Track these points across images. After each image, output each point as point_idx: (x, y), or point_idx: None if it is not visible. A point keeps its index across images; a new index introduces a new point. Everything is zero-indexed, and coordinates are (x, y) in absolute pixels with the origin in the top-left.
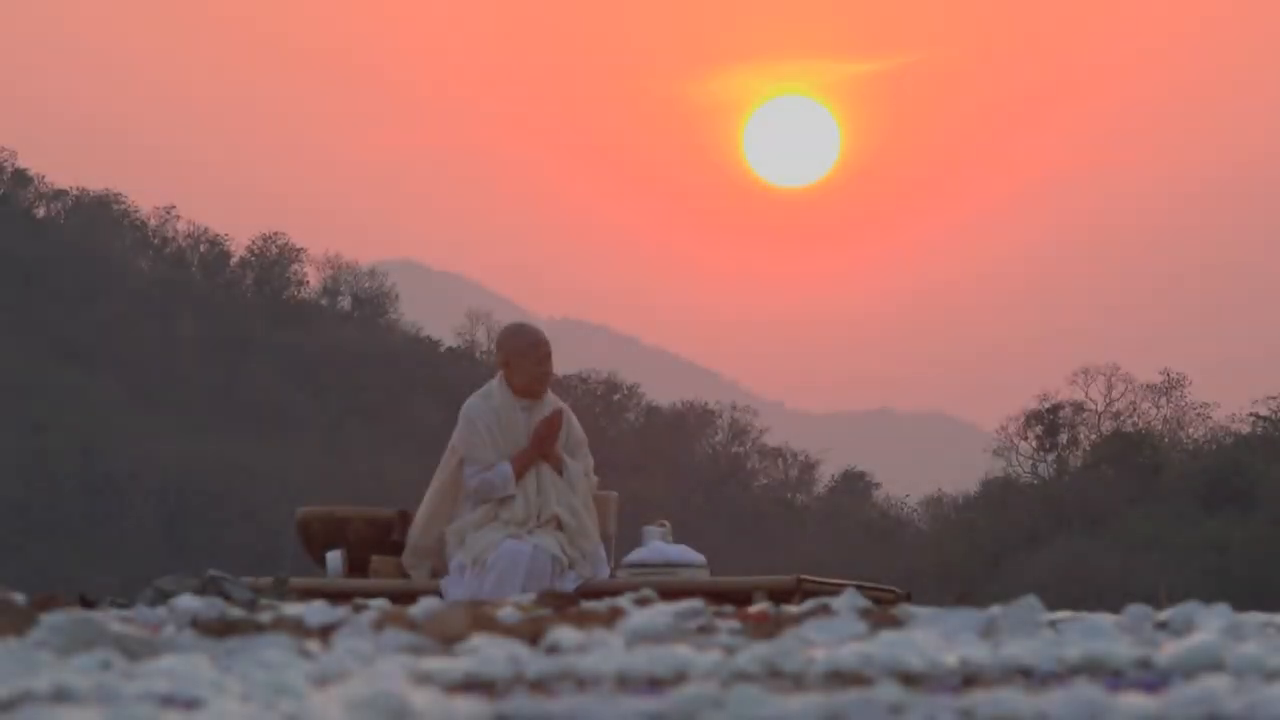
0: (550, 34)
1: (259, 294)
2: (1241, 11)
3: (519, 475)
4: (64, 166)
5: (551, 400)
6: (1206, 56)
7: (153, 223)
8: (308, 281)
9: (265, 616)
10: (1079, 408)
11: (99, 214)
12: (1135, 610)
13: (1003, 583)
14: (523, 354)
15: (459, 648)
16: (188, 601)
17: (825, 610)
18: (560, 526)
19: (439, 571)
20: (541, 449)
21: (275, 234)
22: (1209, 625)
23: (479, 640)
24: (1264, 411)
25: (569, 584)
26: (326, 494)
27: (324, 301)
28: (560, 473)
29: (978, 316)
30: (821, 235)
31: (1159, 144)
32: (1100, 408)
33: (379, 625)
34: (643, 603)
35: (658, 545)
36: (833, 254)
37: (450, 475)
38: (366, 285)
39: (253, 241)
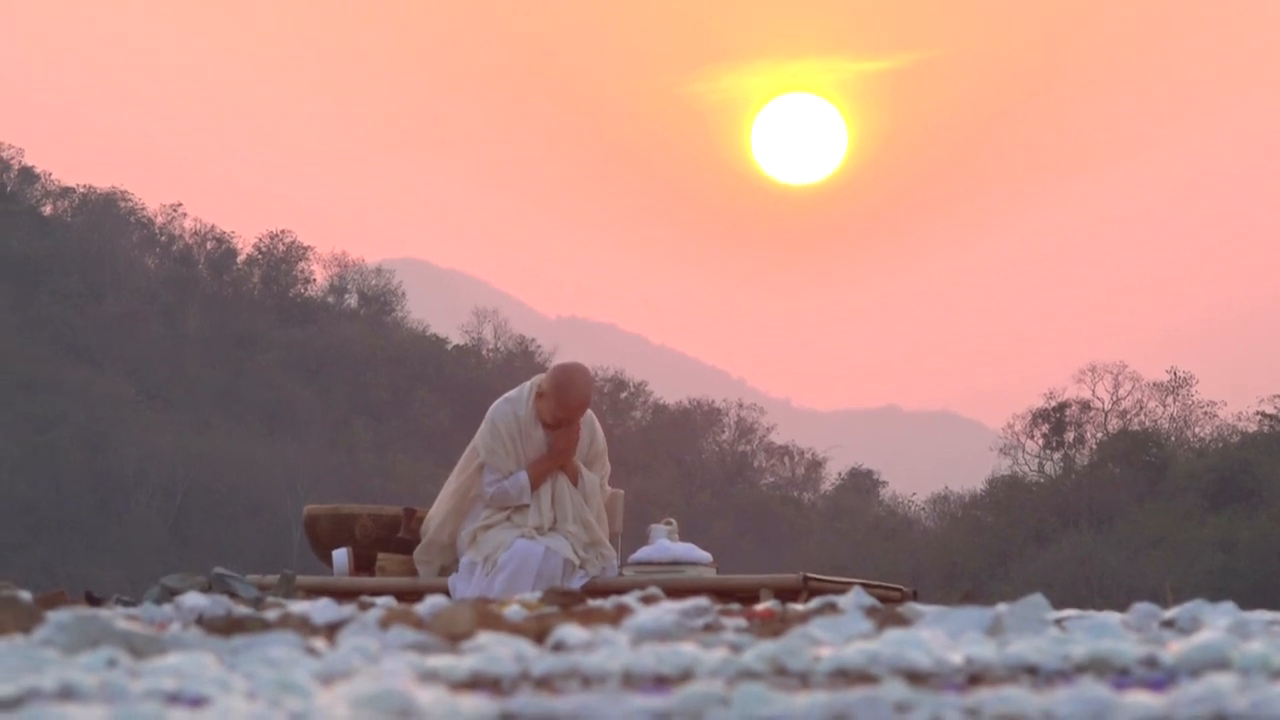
0: (557, 32)
1: (265, 292)
2: (1237, 9)
3: (535, 485)
4: (71, 164)
5: None
6: (1213, 51)
7: (159, 220)
8: (314, 279)
9: (271, 614)
10: (1086, 406)
11: (105, 211)
12: (1141, 608)
13: (1009, 581)
14: (553, 404)
15: (465, 646)
16: (194, 599)
17: (831, 608)
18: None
19: (448, 569)
20: (559, 461)
21: (282, 232)
22: (1215, 623)
23: (485, 638)
24: (1271, 410)
25: (576, 582)
26: (333, 491)
27: (330, 299)
28: (575, 483)
29: (985, 314)
30: (829, 233)
31: (1167, 141)
32: (1107, 406)
33: (385, 623)
34: (649, 601)
35: (664, 543)
36: (840, 252)
37: (471, 475)
38: (373, 283)
39: (259, 239)
